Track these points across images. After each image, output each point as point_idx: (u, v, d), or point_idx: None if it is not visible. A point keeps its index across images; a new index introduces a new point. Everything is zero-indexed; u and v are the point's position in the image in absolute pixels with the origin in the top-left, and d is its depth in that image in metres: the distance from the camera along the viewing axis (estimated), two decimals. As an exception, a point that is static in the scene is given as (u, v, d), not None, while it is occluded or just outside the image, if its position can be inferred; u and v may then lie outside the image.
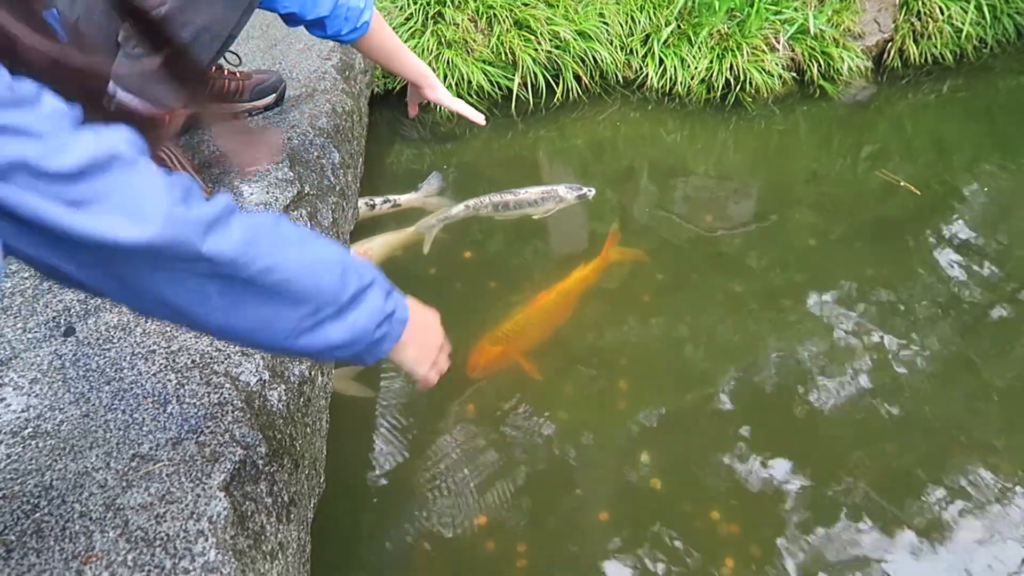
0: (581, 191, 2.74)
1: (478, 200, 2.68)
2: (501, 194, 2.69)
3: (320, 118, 2.10)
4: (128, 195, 0.70)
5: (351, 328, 0.92)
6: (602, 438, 2.00)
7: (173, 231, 0.72)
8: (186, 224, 0.74)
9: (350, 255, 0.95)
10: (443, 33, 3.39)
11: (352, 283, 0.92)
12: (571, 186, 2.75)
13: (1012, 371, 2.21)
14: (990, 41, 3.96)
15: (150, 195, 0.72)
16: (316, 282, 0.88)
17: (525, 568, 1.69)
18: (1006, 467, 1.91)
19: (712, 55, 3.52)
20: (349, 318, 0.92)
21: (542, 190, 2.72)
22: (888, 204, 2.96)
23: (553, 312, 2.30)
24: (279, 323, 0.86)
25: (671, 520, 1.78)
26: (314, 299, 0.88)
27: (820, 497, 1.83)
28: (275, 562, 1.12)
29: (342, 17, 1.77)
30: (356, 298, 0.92)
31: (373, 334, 0.95)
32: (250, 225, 0.82)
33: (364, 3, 1.80)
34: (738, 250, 2.68)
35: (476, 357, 2.15)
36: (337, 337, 0.91)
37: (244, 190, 1.73)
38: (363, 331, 0.94)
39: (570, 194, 2.73)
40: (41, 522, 1.01)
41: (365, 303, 0.94)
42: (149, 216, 0.71)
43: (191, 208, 0.75)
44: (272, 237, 0.85)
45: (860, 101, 3.68)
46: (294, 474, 1.25)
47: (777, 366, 2.20)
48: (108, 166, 0.70)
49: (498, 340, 2.18)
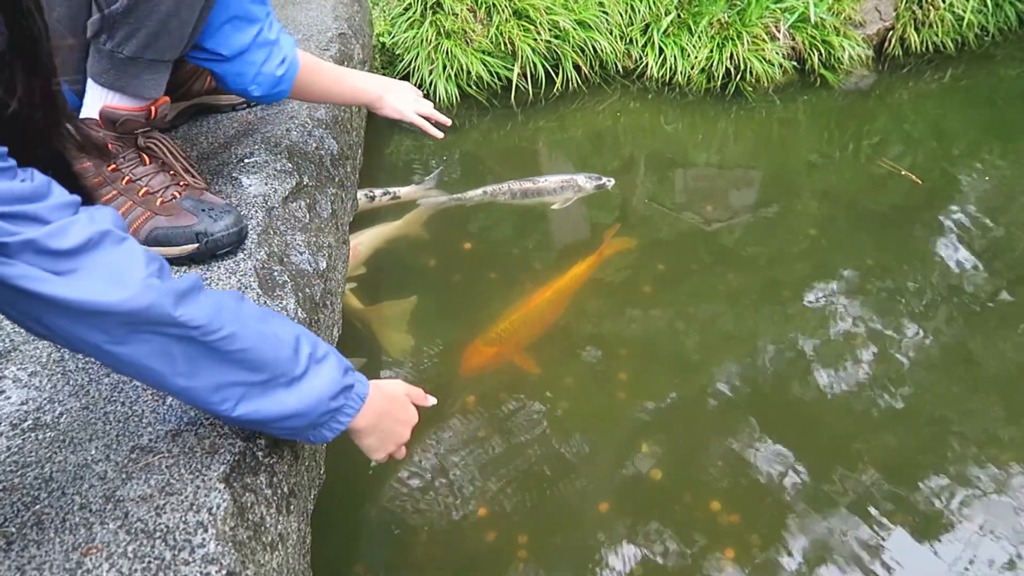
0: (600, 181, 2.73)
1: (496, 186, 2.68)
2: (520, 182, 2.69)
3: (318, 109, 2.09)
4: (112, 266, 0.84)
5: (306, 396, 1.02)
6: (602, 429, 2.00)
7: (149, 297, 0.85)
8: (160, 292, 0.86)
9: (308, 333, 1.06)
10: (442, 23, 3.38)
11: (305, 357, 1.02)
12: (590, 176, 2.74)
13: (1013, 360, 2.21)
14: (992, 29, 3.94)
15: (131, 267, 0.85)
16: (274, 353, 0.98)
17: (526, 559, 1.69)
18: (1006, 456, 1.91)
19: (712, 44, 3.50)
20: (303, 387, 1.01)
21: (561, 179, 2.72)
22: (889, 193, 2.95)
23: (548, 310, 2.29)
24: (234, 388, 0.97)
25: (671, 510, 1.78)
26: (270, 368, 0.98)
27: (820, 487, 1.84)
28: (275, 553, 1.12)
29: (248, 76, 1.53)
30: (309, 370, 1.02)
31: (328, 404, 1.05)
32: (216, 298, 0.95)
33: (283, 72, 1.57)
34: (739, 240, 2.67)
35: (470, 358, 2.14)
36: (291, 405, 1.01)
37: (243, 181, 1.73)
38: (317, 400, 1.03)
39: (589, 183, 2.72)
40: (41, 514, 1.01)
41: (319, 375, 1.03)
42: (129, 283, 0.84)
43: (165, 280, 0.88)
44: (235, 310, 0.96)
45: (861, 90, 3.67)
46: (294, 465, 1.25)
47: (777, 356, 2.20)
48: (99, 243, 0.84)
49: (492, 341, 2.16)
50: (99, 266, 0.83)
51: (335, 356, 1.08)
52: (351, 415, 1.10)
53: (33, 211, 0.79)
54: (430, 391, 1.36)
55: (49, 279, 0.80)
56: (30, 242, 0.78)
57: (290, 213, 1.71)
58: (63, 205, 0.83)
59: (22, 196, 0.78)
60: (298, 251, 1.62)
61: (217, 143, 1.89)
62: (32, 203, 0.79)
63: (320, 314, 1.58)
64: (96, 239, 0.83)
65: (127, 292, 0.84)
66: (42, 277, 0.80)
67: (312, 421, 1.05)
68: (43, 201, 0.80)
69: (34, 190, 0.80)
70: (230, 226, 1.46)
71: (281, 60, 1.55)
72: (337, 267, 1.82)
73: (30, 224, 0.79)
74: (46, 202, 0.81)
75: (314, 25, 2.64)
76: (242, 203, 1.66)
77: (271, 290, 1.45)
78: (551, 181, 2.70)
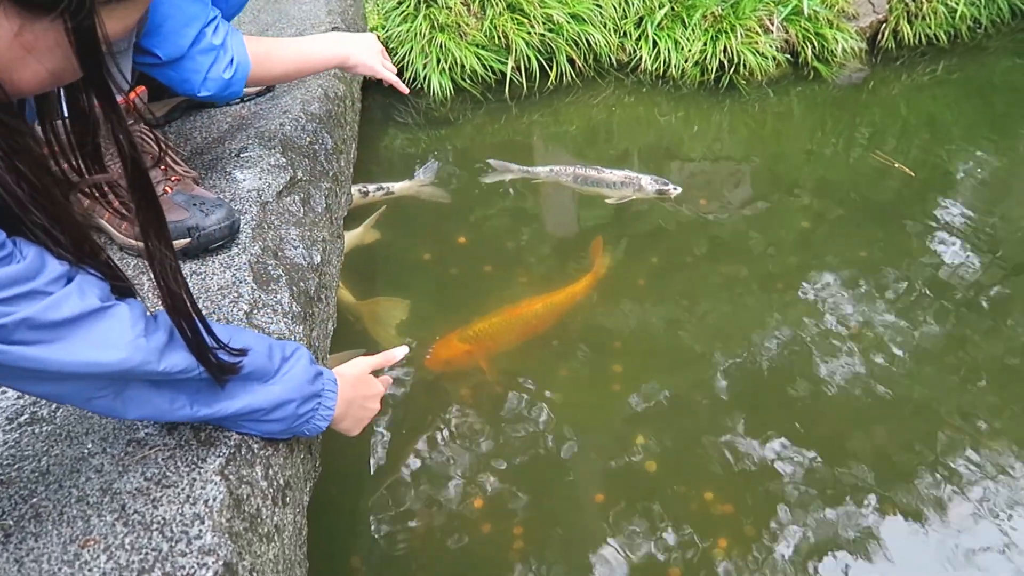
0: (666, 187, 2.69)
1: (562, 167, 2.73)
2: (585, 168, 2.72)
3: (312, 104, 2.09)
4: (102, 332, 0.89)
5: (285, 387, 1.09)
6: (597, 421, 2.01)
7: (138, 356, 0.91)
8: (147, 351, 0.92)
9: (274, 341, 1.12)
10: (436, 17, 3.38)
11: (277, 357, 1.09)
12: (656, 178, 2.70)
13: (1004, 351, 2.22)
14: (984, 22, 3.95)
15: (119, 331, 0.90)
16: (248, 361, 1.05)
17: (521, 550, 1.70)
18: (998, 445, 1.93)
19: (706, 37, 3.51)
20: (281, 380, 1.09)
21: (625, 175, 2.72)
22: (882, 186, 2.96)
23: (532, 322, 2.24)
24: (210, 392, 1.04)
25: (665, 501, 1.80)
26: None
27: (813, 477, 1.85)
28: (271, 544, 1.13)
29: (195, 82, 1.51)
30: (281, 367, 1.09)
31: (306, 389, 1.11)
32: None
33: (231, 75, 1.55)
34: (732, 233, 2.68)
35: (440, 350, 2.12)
36: (275, 395, 1.08)
37: (237, 176, 1.73)
38: (296, 388, 1.10)
39: (652, 186, 2.69)
40: (39, 507, 1.02)
41: (292, 370, 1.10)
42: (119, 345, 0.90)
43: (150, 338, 0.93)
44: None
45: (854, 82, 3.67)
46: (289, 458, 1.25)
47: (771, 348, 2.21)
48: (88, 315, 0.87)
49: (468, 338, 2.14)
50: (90, 333, 0.88)
51: (304, 353, 1.14)
52: (330, 399, 1.16)
53: (29, 289, 0.82)
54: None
55: (42, 347, 0.84)
56: (26, 319, 0.82)
57: (284, 207, 1.72)
58: (55, 279, 0.85)
59: (17, 278, 0.81)
60: (292, 245, 1.63)
61: (211, 138, 1.89)
62: (28, 282, 0.82)
63: (315, 308, 1.58)
64: (85, 312, 0.87)
65: (117, 354, 0.89)
66: (35, 346, 0.84)
67: (294, 409, 1.11)
68: (37, 278, 0.83)
69: (27, 268, 0.82)
70: (222, 220, 1.46)
71: (228, 62, 1.55)
72: (331, 261, 1.82)
73: (26, 302, 0.82)
74: (40, 278, 0.83)
75: (307, 19, 2.64)
76: (236, 198, 1.66)
77: (265, 284, 1.46)
78: (615, 175, 2.71)
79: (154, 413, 1.00)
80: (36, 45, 0.76)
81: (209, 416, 1.04)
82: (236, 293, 1.40)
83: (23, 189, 0.80)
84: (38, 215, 0.83)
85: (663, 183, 2.68)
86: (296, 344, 1.15)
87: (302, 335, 1.43)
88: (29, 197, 0.81)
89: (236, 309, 1.36)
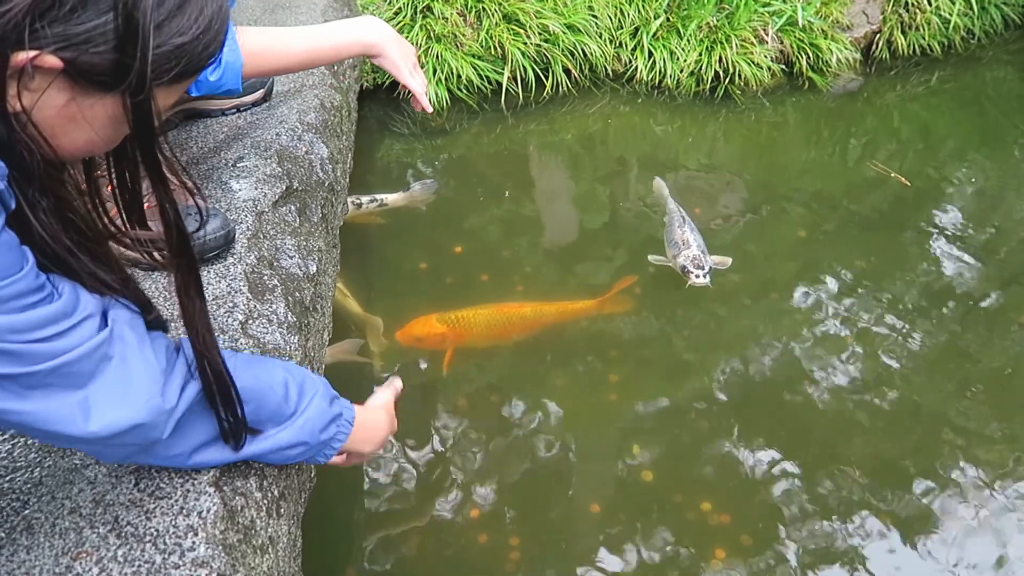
0: (689, 272, 2.24)
1: (676, 206, 2.51)
2: (684, 221, 2.43)
3: (308, 113, 2.09)
4: (123, 383, 0.86)
5: (299, 430, 1.06)
6: (593, 430, 2.01)
7: (151, 416, 0.88)
8: (161, 412, 0.89)
9: (293, 373, 1.08)
10: (432, 27, 3.39)
11: (294, 397, 1.06)
12: (697, 257, 2.26)
13: (1001, 361, 2.22)
14: (978, 32, 3.97)
15: (140, 383, 0.88)
16: (259, 405, 1.02)
17: (518, 560, 1.69)
18: (994, 457, 1.93)
19: (701, 48, 3.52)
20: (297, 423, 1.06)
21: (683, 237, 2.36)
22: (878, 195, 2.97)
23: (516, 323, 2.20)
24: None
25: (662, 511, 1.79)
26: (256, 420, 1.03)
27: (810, 487, 1.85)
28: (265, 556, 1.12)
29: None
30: (299, 408, 1.06)
31: (319, 435, 1.09)
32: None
33: (218, 78, 1.57)
34: (728, 242, 2.69)
35: (415, 327, 2.08)
36: (286, 439, 1.05)
37: (233, 186, 1.73)
38: (310, 433, 1.07)
39: (681, 262, 2.29)
40: (31, 518, 1.01)
41: (308, 411, 1.07)
42: (135, 402, 0.87)
43: (166, 396, 0.90)
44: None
45: (849, 92, 3.69)
46: (284, 469, 1.24)
47: (767, 358, 2.21)
48: (111, 359, 0.86)
49: (446, 320, 2.11)
50: (111, 384, 0.86)
51: (323, 389, 1.12)
52: (342, 441, 1.14)
53: (64, 328, 0.81)
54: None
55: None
56: (56, 368, 0.80)
57: (280, 217, 1.71)
58: (87, 317, 0.84)
59: (52, 318, 0.80)
60: (288, 255, 1.63)
61: (207, 148, 1.89)
62: (70, 317, 0.81)
63: (310, 318, 1.58)
64: (111, 354, 0.86)
65: (132, 412, 0.87)
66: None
67: (307, 451, 1.09)
68: (71, 316, 0.82)
69: (68, 306, 0.81)
70: (217, 230, 1.46)
71: (214, 68, 1.55)
72: (327, 271, 1.82)
73: (59, 340, 0.80)
74: (73, 317, 0.82)
75: (304, 30, 2.64)
76: (232, 208, 1.66)
77: (261, 294, 1.45)
78: (678, 234, 2.37)
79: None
80: (83, 115, 0.78)
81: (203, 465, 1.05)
82: (231, 303, 1.39)
83: (71, 238, 0.82)
84: (84, 259, 0.84)
85: (697, 265, 2.23)
86: (314, 381, 1.12)
87: (297, 345, 1.42)
88: (77, 244, 0.82)
89: (231, 319, 1.35)
